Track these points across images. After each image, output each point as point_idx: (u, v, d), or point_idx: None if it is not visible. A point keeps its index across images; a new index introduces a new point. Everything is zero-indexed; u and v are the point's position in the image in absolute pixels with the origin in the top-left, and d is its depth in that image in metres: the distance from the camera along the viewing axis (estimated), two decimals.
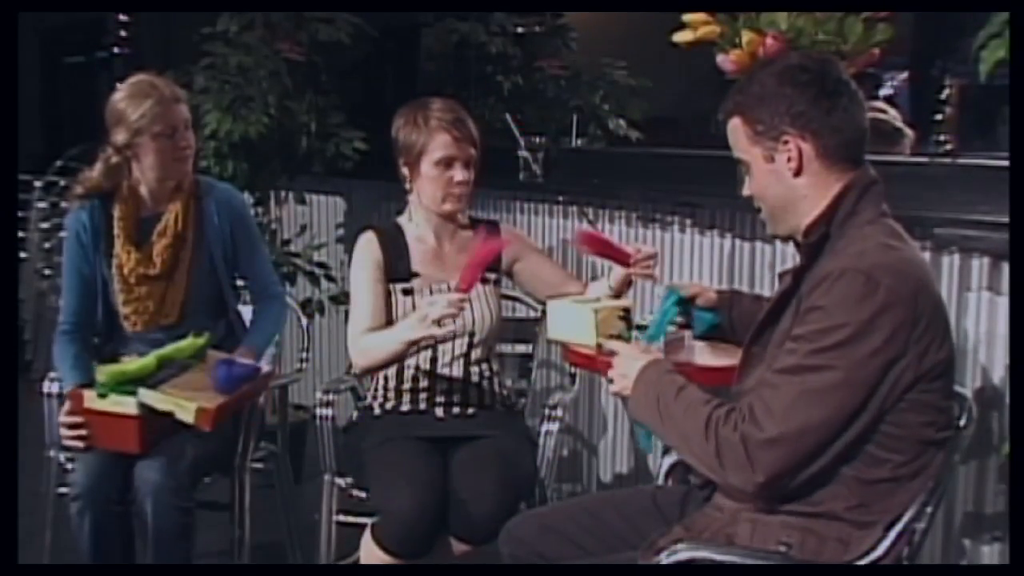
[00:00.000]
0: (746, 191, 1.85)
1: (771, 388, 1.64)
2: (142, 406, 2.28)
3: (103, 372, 2.34)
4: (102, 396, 2.32)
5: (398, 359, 2.47)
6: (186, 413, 2.25)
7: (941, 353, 1.65)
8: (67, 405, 2.42)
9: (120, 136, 2.52)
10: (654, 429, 1.81)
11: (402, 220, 2.65)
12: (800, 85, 1.72)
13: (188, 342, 2.45)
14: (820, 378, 1.60)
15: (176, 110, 2.54)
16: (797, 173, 1.74)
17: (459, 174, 2.51)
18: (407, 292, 2.54)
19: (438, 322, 2.25)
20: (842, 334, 1.59)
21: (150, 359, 2.37)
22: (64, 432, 2.40)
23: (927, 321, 1.62)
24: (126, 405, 2.30)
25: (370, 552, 2.31)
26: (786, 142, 1.73)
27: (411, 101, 2.59)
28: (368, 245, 2.58)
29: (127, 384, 2.31)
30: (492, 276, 2.59)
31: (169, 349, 2.42)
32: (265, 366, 2.50)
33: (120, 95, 2.53)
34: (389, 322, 2.50)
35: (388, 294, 2.54)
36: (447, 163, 2.50)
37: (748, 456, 1.61)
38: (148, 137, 2.50)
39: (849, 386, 1.60)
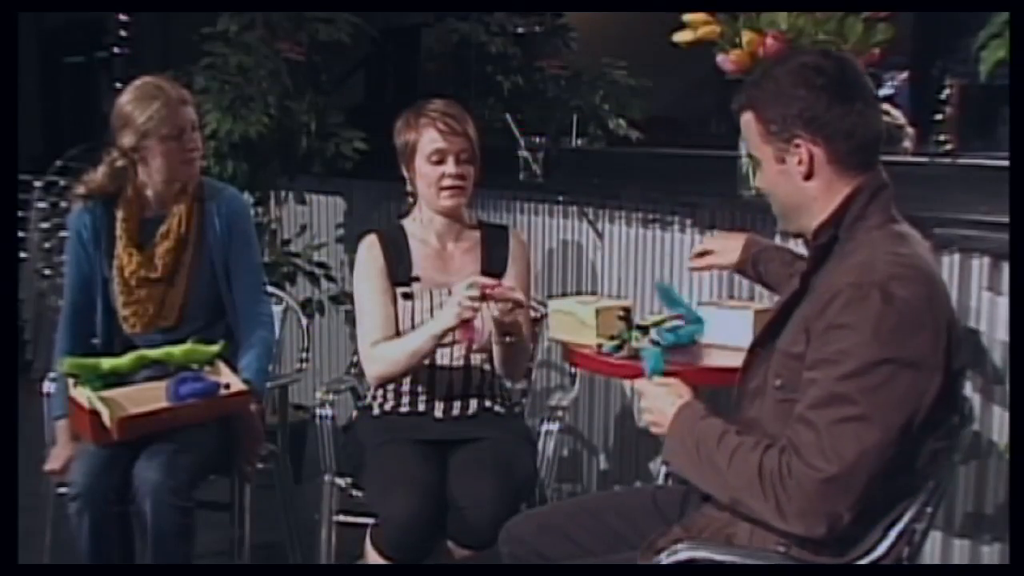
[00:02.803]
0: (757, 182, 1.85)
1: (809, 425, 1.59)
2: (101, 400, 2.30)
3: (79, 364, 2.37)
4: (75, 386, 2.37)
5: (423, 359, 2.44)
6: (106, 417, 2.28)
7: (966, 353, 1.63)
8: None
9: (127, 139, 2.50)
10: (691, 476, 1.76)
11: (406, 222, 2.64)
12: (815, 88, 1.68)
13: (185, 347, 2.45)
14: (855, 408, 1.55)
15: (183, 112, 2.53)
16: (808, 177, 1.71)
17: (451, 167, 2.50)
18: (407, 296, 2.52)
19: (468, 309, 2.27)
20: (868, 355, 1.55)
21: (127, 358, 2.40)
22: None
23: (947, 326, 1.60)
24: (82, 397, 2.34)
25: (371, 556, 2.32)
26: (797, 145, 1.70)
27: (412, 104, 2.59)
28: (370, 250, 2.57)
29: (98, 379, 2.34)
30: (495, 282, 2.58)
31: (158, 352, 2.43)
32: (237, 384, 2.45)
33: (126, 98, 2.51)
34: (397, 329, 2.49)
35: (395, 299, 2.53)
36: (439, 158, 2.49)
37: (810, 502, 1.57)
38: (155, 140, 2.49)
39: (886, 406, 1.55)
